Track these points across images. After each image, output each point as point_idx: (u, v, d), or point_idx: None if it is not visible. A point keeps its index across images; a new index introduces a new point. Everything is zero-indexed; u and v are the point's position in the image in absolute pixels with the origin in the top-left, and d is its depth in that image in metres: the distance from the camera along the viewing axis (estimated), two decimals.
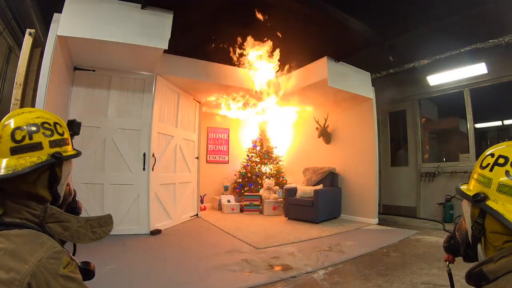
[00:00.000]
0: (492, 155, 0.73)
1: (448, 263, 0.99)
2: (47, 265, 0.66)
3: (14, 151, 0.75)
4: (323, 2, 3.32)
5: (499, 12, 3.57)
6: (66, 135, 0.87)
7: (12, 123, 0.77)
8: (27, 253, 0.66)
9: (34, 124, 0.79)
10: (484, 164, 0.74)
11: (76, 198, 1.00)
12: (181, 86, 4.88)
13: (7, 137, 0.76)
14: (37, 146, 0.77)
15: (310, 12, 3.51)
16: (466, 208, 0.80)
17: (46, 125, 0.81)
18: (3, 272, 0.62)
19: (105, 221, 0.87)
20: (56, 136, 0.82)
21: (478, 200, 0.71)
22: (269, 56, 4.62)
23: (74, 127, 0.92)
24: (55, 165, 0.82)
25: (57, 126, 0.84)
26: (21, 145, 0.76)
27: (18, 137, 0.76)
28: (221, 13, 3.58)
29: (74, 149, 0.90)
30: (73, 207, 0.96)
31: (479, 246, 0.76)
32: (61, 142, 0.83)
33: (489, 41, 4.17)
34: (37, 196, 0.79)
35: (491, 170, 0.71)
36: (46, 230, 0.75)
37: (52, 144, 0.80)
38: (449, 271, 0.99)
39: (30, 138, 0.77)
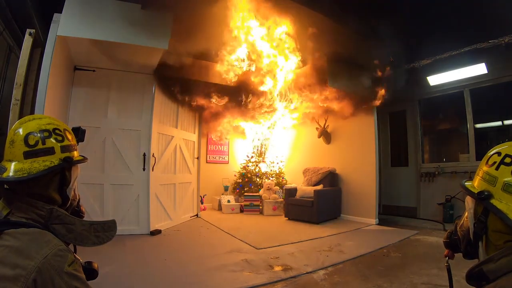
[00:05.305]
0: (498, 153, 0.72)
1: (448, 258, 0.99)
2: (52, 262, 0.67)
3: (27, 155, 0.78)
4: (325, 3, 3.33)
5: (499, 12, 3.57)
6: (74, 141, 0.91)
7: (24, 129, 0.81)
8: (33, 251, 0.67)
9: (46, 130, 0.82)
10: (490, 162, 0.73)
11: (80, 203, 1.04)
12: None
13: (20, 141, 0.79)
14: (50, 151, 0.81)
15: (312, 13, 3.51)
16: (469, 204, 0.80)
17: (57, 131, 0.85)
18: (9, 268, 0.64)
19: (109, 226, 0.89)
20: (66, 142, 0.86)
21: (483, 198, 0.70)
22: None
23: (79, 134, 0.97)
24: (65, 169, 0.86)
25: (67, 132, 0.88)
26: (35, 149, 0.79)
27: (31, 141, 0.79)
28: None
29: (80, 155, 0.94)
30: (77, 211, 1.00)
31: (480, 243, 0.75)
32: (70, 148, 0.87)
33: (489, 41, 4.17)
34: (48, 198, 0.82)
35: (497, 168, 0.71)
36: (51, 230, 0.76)
37: (63, 149, 0.84)
38: (448, 266, 0.99)
39: (43, 143, 0.80)
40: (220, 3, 3.58)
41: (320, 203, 4.90)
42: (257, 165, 6.77)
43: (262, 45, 4.50)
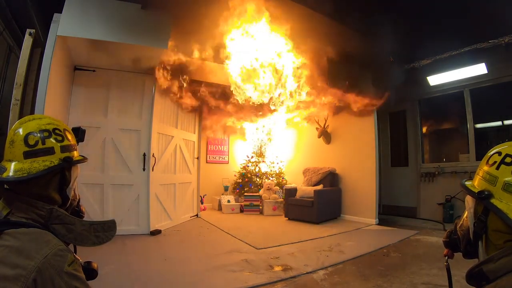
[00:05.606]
0: (499, 153, 0.73)
1: (447, 258, 0.99)
2: (52, 262, 0.67)
3: (27, 155, 0.79)
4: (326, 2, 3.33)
5: (499, 12, 3.58)
6: (73, 141, 0.91)
7: (24, 129, 0.81)
8: (33, 250, 0.67)
9: (46, 130, 0.83)
10: (490, 162, 0.73)
11: (80, 203, 1.04)
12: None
13: (20, 141, 0.79)
14: (50, 151, 0.81)
15: (313, 13, 3.51)
16: (469, 204, 0.80)
17: (57, 131, 0.85)
18: (9, 268, 0.64)
19: (109, 226, 0.89)
20: (66, 142, 0.86)
21: (483, 198, 0.70)
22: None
23: (79, 134, 0.97)
24: (65, 169, 0.86)
25: (66, 132, 0.88)
26: (35, 149, 0.79)
27: (31, 141, 0.79)
28: None
29: (80, 155, 0.94)
30: (77, 211, 1.00)
31: (480, 243, 0.76)
32: (70, 148, 0.87)
33: (489, 41, 4.18)
34: (48, 198, 0.82)
35: (497, 168, 0.71)
36: (51, 230, 0.76)
37: (63, 149, 0.84)
38: (448, 266, 0.99)
39: (43, 143, 0.81)
40: (220, 3, 3.58)
41: (320, 203, 4.90)
42: (257, 165, 6.77)
43: (262, 45, 4.49)
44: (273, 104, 5.13)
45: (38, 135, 0.81)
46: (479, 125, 4.97)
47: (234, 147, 7.38)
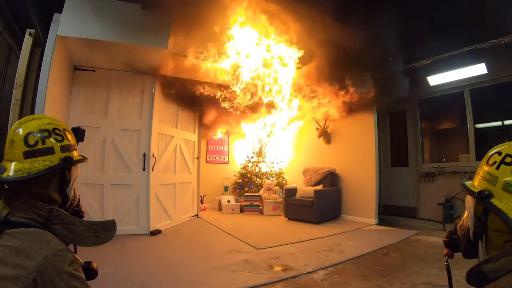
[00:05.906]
0: (499, 153, 0.73)
1: (447, 258, 0.99)
2: (52, 262, 0.67)
3: (27, 155, 0.79)
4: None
5: (499, 12, 3.58)
6: (73, 141, 0.91)
7: (24, 129, 0.81)
8: (33, 250, 0.67)
9: (46, 130, 0.83)
10: (490, 162, 0.74)
11: (80, 203, 1.04)
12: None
13: (20, 141, 0.79)
14: (50, 151, 0.81)
15: (313, 12, 3.51)
16: (469, 204, 0.80)
17: (57, 131, 0.85)
18: (9, 268, 0.64)
19: (109, 226, 0.89)
20: (66, 142, 0.86)
21: (483, 197, 0.71)
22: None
23: (79, 134, 0.97)
24: (65, 169, 0.86)
25: (66, 132, 0.88)
26: (35, 149, 0.79)
27: (31, 141, 0.80)
28: None
29: (80, 155, 0.94)
30: (77, 211, 1.00)
31: (480, 243, 0.76)
32: (70, 148, 0.88)
33: (489, 41, 4.18)
34: (48, 198, 0.82)
35: (497, 168, 0.71)
36: (50, 230, 0.76)
37: (63, 149, 0.84)
38: (448, 266, 0.99)
39: (43, 143, 0.81)
40: (220, 3, 3.58)
41: (320, 203, 4.90)
42: (257, 165, 6.77)
43: (262, 46, 4.50)
44: (271, 99, 5.13)
45: (38, 135, 0.81)
46: (479, 125, 4.97)
47: (234, 147, 7.37)
